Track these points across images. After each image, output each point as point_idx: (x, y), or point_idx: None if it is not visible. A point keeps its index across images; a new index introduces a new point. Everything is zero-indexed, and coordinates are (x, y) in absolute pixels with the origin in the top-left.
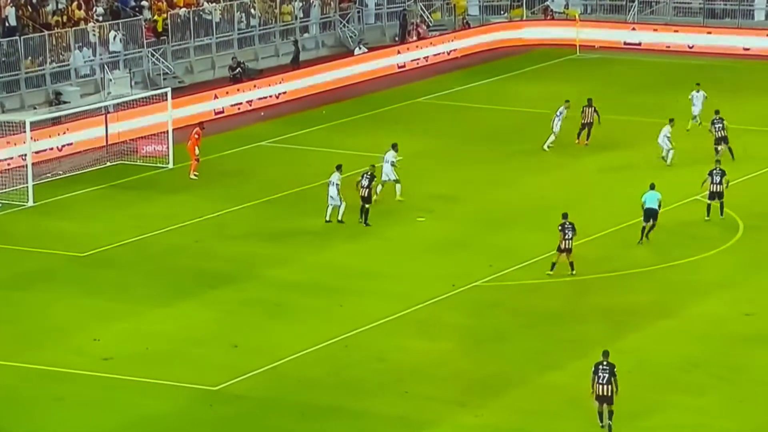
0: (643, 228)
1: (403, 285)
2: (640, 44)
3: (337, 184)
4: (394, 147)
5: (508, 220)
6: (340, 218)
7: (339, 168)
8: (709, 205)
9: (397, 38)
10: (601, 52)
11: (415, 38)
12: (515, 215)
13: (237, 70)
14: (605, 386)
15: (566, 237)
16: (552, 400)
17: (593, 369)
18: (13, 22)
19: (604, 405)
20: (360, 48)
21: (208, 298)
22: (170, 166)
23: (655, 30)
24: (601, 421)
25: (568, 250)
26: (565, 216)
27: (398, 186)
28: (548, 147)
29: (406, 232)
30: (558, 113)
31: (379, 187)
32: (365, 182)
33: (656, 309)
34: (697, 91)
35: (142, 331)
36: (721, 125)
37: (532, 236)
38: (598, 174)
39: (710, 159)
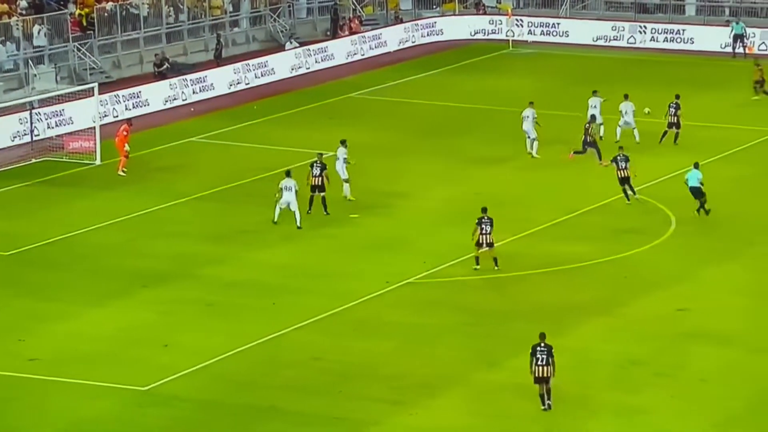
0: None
1: (340, 283)
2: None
3: (296, 189)
4: (344, 143)
5: (444, 216)
6: (299, 225)
7: (289, 173)
8: (624, 190)
9: (328, 33)
10: (533, 47)
11: (347, 33)
12: (452, 212)
13: (164, 66)
14: (544, 368)
15: (483, 231)
16: (491, 399)
17: (531, 351)
18: None
19: (543, 385)
20: (291, 42)
21: (139, 297)
22: (97, 162)
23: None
24: (543, 404)
25: (490, 245)
26: (484, 210)
27: (346, 186)
28: (536, 154)
29: (343, 231)
30: (525, 116)
31: (346, 186)
32: (316, 171)
33: (595, 306)
34: (594, 97)
35: (71, 331)
36: (675, 110)
37: (467, 232)
38: (538, 169)
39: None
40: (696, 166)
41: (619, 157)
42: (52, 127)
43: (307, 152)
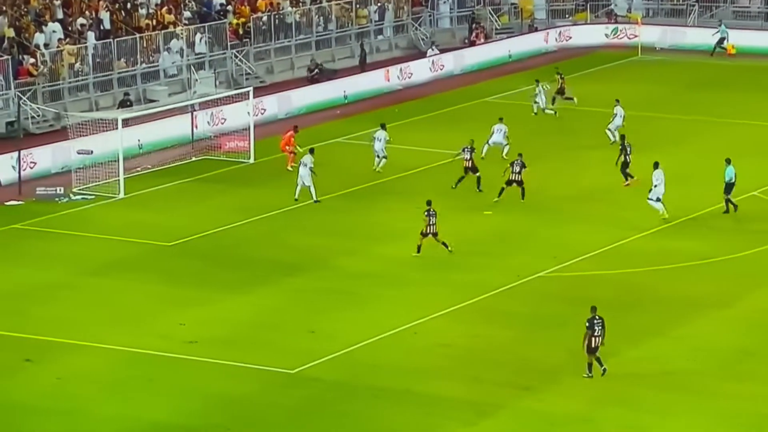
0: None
1: (467, 275)
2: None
3: (310, 167)
4: (312, 151)
5: (569, 213)
6: (316, 199)
7: (312, 151)
8: (503, 189)
9: (466, 40)
10: (661, 54)
11: (482, 41)
12: (576, 209)
13: (315, 71)
14: (598, 338)
15: (430, 222)
16: (609, 387)
17: (588, 324)
18: (107, 25)
19: (593, 355)
20: (432, 49)
21: (283, 286)
22: (251, 161)
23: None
24: (590, 371)
25: (435, 234)
26: (429, 203)
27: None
28: (483, 156)
29: (473, 226)
30: (498, 130)
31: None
32: (467, 155)
33: (713, 299)
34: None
35: (222, 317)
36: None
37: (591, 229)
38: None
39: None
40: (728, 162)
41: (515, 162)
42: (211, 128)
43: (442, 153)
